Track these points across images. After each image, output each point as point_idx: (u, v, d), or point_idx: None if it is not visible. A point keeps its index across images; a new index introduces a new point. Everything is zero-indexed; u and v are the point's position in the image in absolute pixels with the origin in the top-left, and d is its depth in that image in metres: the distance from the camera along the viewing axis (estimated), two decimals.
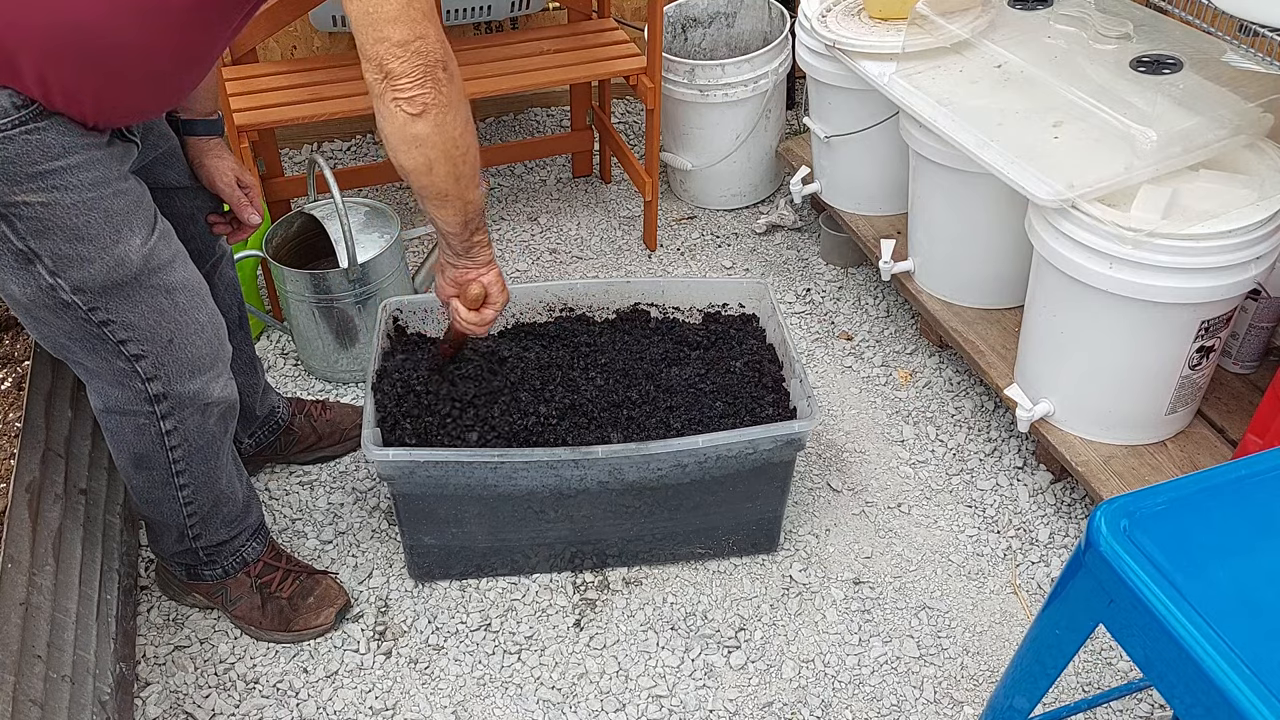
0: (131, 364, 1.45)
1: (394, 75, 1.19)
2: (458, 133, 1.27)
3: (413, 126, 1.22)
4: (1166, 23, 1.97)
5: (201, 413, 1.54)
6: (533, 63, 2.42)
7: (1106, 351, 1.79)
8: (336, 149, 3.04)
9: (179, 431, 1.54)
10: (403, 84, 1.19)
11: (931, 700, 1.71)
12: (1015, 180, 1.74)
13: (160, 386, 1.48)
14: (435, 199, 1.35)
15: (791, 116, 3.03)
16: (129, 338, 1.42)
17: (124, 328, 1.41)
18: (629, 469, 1.71)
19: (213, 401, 1.55)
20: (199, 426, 1.55)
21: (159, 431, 1.52)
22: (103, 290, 1.37)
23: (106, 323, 1.40)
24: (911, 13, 2.08)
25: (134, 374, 1.46)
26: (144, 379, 1.47)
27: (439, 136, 1.25)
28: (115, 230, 1.34)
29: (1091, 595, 1.09)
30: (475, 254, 1.49)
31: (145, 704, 1.70)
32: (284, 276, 2.13)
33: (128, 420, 1.51)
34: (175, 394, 1.49)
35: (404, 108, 1.21)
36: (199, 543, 1.70)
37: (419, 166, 1.28)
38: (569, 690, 1.73)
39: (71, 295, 1.36)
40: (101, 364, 1.45)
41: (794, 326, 2.45)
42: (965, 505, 2.01)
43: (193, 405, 1.52)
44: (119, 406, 1.50)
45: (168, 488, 1.60)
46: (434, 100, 1.20)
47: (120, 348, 1.43)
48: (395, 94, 1.20)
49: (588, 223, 2.79)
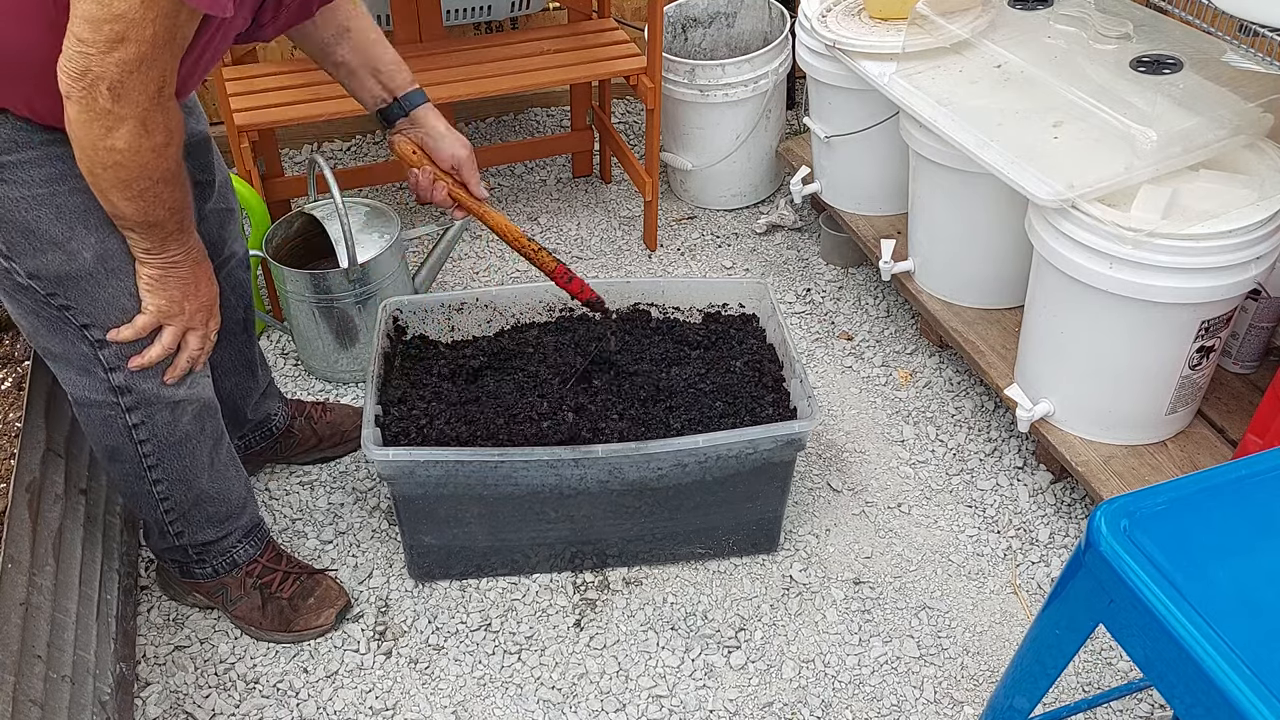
0: (95, 350, 1.44)
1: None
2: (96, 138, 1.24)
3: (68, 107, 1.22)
4: (1166, 23, 1.97)
5: (171, 411, 1.53)
6: (533, 63, 2.42)
7: (1106, 351, 1.79)
8: (336, 149, 3.04)
9: (147, 426, 1.52)
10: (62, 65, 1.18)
11: (931, 700, 1.71)
12: (1015, 180, 1.74)
13: (123, 379, 1.47)
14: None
15: (791, 116, 3.03)
16: (91, 323, 1.41)
17: (84, 314, 1.40)
18: (629, 469, 1.71)
19: (182, 400, 1.53)
20: (169, 423, 1.54)
21: (126, 425, 1.51)
22: (58, 280, 1.37)
23: (66, 307, 1.39)
24: (911, 13, 2.08)
25: (97, 361, 1.45)
26: (106, 368, 1.45)
27: (80, 132, 1.23)
28: (68, 227, 1.34)
29: (1091, 595, 1.09)
30: (153, 253, 1.43)
31: (145, 704, 1.70)
32: (284, 276, 2.13)
33: (95, 411, 1.50)
34: (139, 389, 1.48)
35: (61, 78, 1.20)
36: (181, 540, 1.69)
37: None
38: (569, 690, 1.73)
39: (27, 280, 1.36)
40: (67, 347, 1.44)
41: (794, 326, 2.45)
42: (965, 505, 2.01)
43: (160, 402, 1.51)
44: (86, 397, 1.49)
45: (141, 482, 1.59)
46: (79, 96, 1.19)
47: (84, 332, 1.42)
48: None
49: (588, 223, 2.79)
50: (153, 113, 1.22)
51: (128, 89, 1.17)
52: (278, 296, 2.26)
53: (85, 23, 1.13)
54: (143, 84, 1.18)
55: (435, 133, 1.64)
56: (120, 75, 1.16)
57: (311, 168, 2.24)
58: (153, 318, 1.44)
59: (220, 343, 1.82)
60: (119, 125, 1.20)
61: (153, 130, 1.23)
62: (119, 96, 1.17)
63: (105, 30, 1.13)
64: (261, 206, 2.28)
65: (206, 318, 1.49)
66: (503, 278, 2.60)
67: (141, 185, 1.27)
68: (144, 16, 1.13)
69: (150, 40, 1.15)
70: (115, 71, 1.16)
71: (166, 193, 1.31)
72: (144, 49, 1.16)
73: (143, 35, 1.15)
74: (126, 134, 1.21)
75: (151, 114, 1.22)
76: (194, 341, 1.49)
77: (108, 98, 1.17)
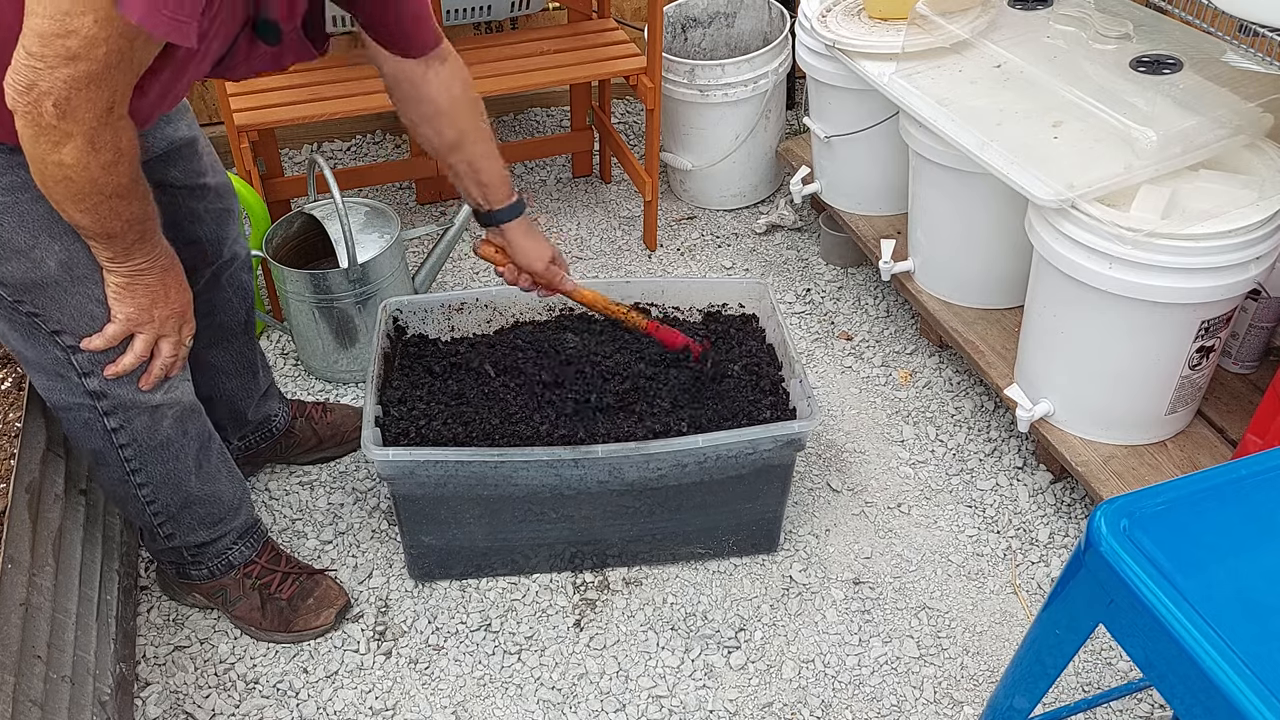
0: (67, 354, 1.43)
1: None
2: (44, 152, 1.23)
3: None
4: (1166, 23, 1.97)
5: (150, 415, 1.52)
6: (533, 63, 2.42)
7: (1106, 352, 1.79)
8: (336, 149, 3.04)
9: (126, 430, 1.52)
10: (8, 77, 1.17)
11: (931, 700, 1.71)
12: (1015, 180, 1.74)
13: (98, 383, 1.46)
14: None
15: (791, 116, 3.03)
16: (61, 329, 1.41)
17: (53, 321, 1.40)
18: (629, 469, 1.71)
19: (161, 404, 1.52)
20: (149, 428, 1.53)
21: (105, 429, 1.50)
22: (24, 287, 1.36)
23: (34, 314, 1.39)
24: (911, 13, 2.08)
25: (70, 366, 1.44)
26: (80, 373, 1.45)
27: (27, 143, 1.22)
28: (31, 235, 1.33)
29: (1091, 595, 1.09)
30: (117, 260, 1.42)
31: (145, 704, 1.70)
32: (284, 276, 2.13)
33: (74, 415, 1.49)
34: (115, 394, 1.47)
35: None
36: (173, 542, 1.69)
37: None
38: (569, 690, 1.73)
39: None
40: (39, 353, 1.43)
41: (794, 326, 2.44)
42: (965, 505, 2.01)
43: (137, 407, 1.50)
44: (63, 402, 1.48)
45: (126, 485, 1.59)
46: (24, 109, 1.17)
47: (55, 338, 1.41)
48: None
49: (588, 223, 2.79)
50: (100, 131, 1.19)
51: (74, 106, 1.15)
52: (277, 296, 2.26)
53: (36, 36, 1.10)
54: (90, 102, 1.16)
55: (516, 246, 1.75)
56: (68, 92, 1.14)
57: (311, 168, 2.24)
58: (122, 326, 1.42)
59: (221, 344, 1.83)
60: (65, 141, 1.18)
61: (100, 148, 1.21)
62: (65, 113, 1.15)
63: (56, 45, 1.10)
64: (261, 206, 2.28)
65: (179, 324, 1.48)
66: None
67: (94, 199, 1.25)
68: (97, 35, 1.11)
69: (102, 60, 1.13)
70: (63, 88, 1.13)
71: (121, 206, 1.29)
72: (95, 68, 1.13)
73: (95, 54, 1.12)
74: (73, 150, 1.19)
75: (99, 132, 1.19)
76: (166, 349, 1.48)
77: (53, 114, 1.15)
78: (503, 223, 1.74)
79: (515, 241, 1.75)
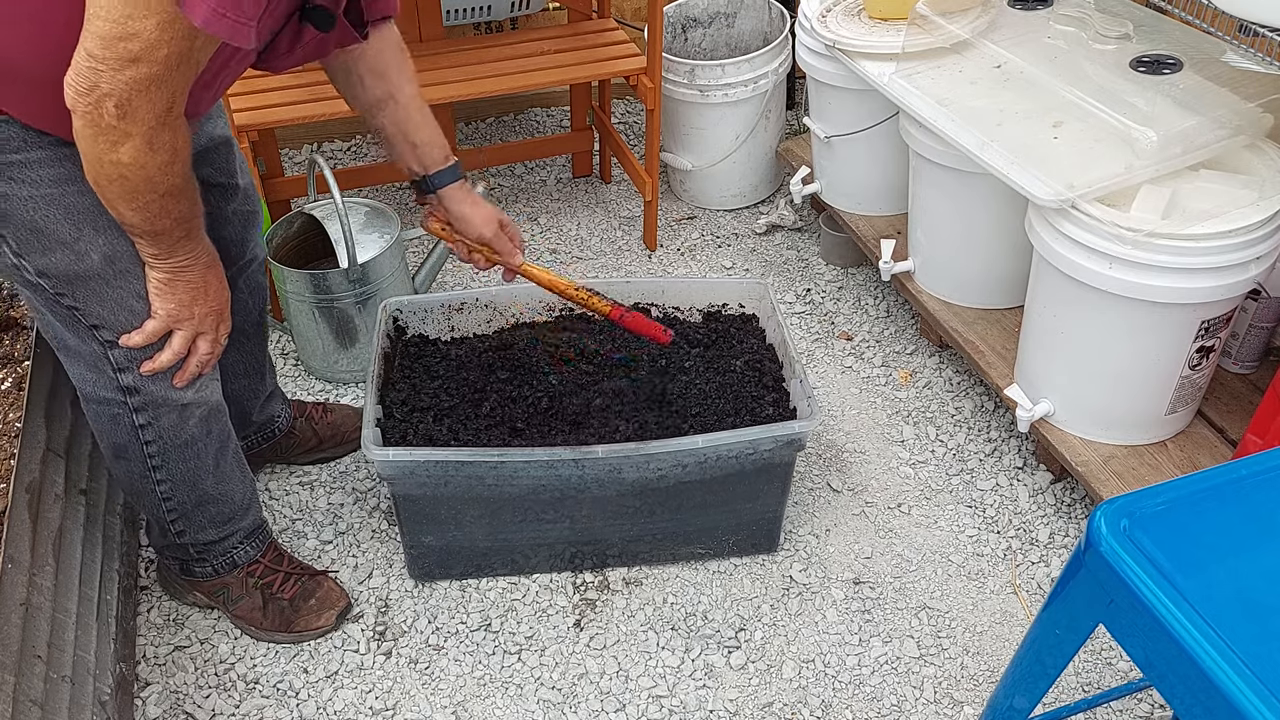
0: (105, 349, 1.44)
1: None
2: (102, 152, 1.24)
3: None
4: (1166, 23, 1.97)
5: (178, 413, 1.53)
6: (533, 63, 2.42)
7: (1106, 352, 1.79)
8: (336, 149, 3.04)
9: (153, 428, 1.53)
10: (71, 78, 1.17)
11: (931, 700, 1.71)
12: (1015, 180, 1.74)
13: (131, 379, 1.47)
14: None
15: (791, 116, 3.03)
16: (100, 324, 1.42)
17: (93, 315, 1.41)
18: (629, 469, 1.71)
19: (190, 403, 1.54)
20: (175, 426, 1.54)
21: (133, 424, 1.51)
22: (67, 279, 1.37)
23: (75, 308, 1.40)
24: (911, 13, 2.08)
25: (106, 360, 1.45)
26: (115, 368, 1.46)
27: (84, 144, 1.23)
28: (76, 228, 1.34)
29: (1091, 595, 1.09)
30: (161, 258, 1.43)
31: (145, 704, 1.70)
32: (284, 276, 2.13)
33: (104, 409, 1.51)
34: (147, 390, 1.49)
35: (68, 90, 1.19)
36: (183, 539, 1.69)
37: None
38: (569, 690, 1.73)
39: (36, 278, 1.36)
40: (80, 344, 1.45)
41: (794, 326, 2.45)
42: (965, 505, 2.02)
43: (167, 405, 1.51)
44: (95, 394, 1.49)
45: (145, 481, 1.60)
46: (84, 109, 1.18)
47: (94, 332, 1.42)
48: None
49: (588, 223, 2.79)
50: (159, 131, 1.21)
51: (135, 107, 1.16)
52: (277, 297, 2.26)
53: (98, 39, 1.11)
54: (151, 103, 1.17)
55: (459, 215, 1.70)
56: (129, 93, 1.15)
57: (311, 168, 2.24)
58: (162, 322, 1.44)
59: (233, 345, 1.83)
60: (124, 141, 1.19)
61: (158, 148, 1.22)
62: (125, 114, 1.16)
63: (119, 48, 1.11)
64: (261, 206, 2.28)
65: (216, 322, 1.49)
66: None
67: (147, 198, 1.27)
68: (160, 38, 1.12)
69: (163, 61, 1.14)
70: (125, 89, 1.14)
71: (172, 205, 1.30)
72: (156, 70, 1.14)
73: (156, 56, 1.13)
74: (131, 150, 1.20)
75: (158, 132, 1.21)
76: (204, 346, 1.49)
77: (114, 115, 1.16)
78: (440, 187, 1.67)
79: (457, 210, 1.69)
